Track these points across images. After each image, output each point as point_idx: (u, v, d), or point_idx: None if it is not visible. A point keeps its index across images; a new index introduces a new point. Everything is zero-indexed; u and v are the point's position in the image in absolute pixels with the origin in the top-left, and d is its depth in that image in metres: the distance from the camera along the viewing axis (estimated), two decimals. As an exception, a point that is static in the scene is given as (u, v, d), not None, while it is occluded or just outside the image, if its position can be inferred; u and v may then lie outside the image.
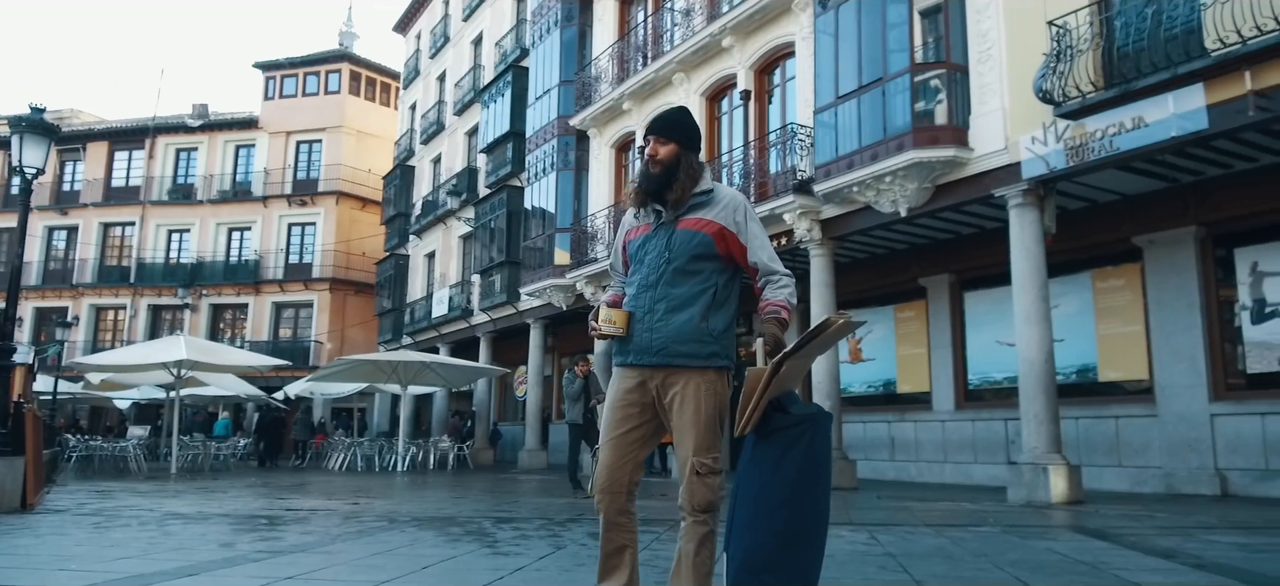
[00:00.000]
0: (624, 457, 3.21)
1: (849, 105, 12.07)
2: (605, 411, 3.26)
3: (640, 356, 3.19)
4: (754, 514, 3.14)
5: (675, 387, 3.16)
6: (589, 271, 18.76)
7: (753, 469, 3.16)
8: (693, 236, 3.20)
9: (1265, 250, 10.87)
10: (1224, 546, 6.33)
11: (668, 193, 3.21)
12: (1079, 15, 9.76)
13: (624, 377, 3.23)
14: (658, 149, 3.22)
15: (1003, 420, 13.69)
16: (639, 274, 3.24)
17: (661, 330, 3.15)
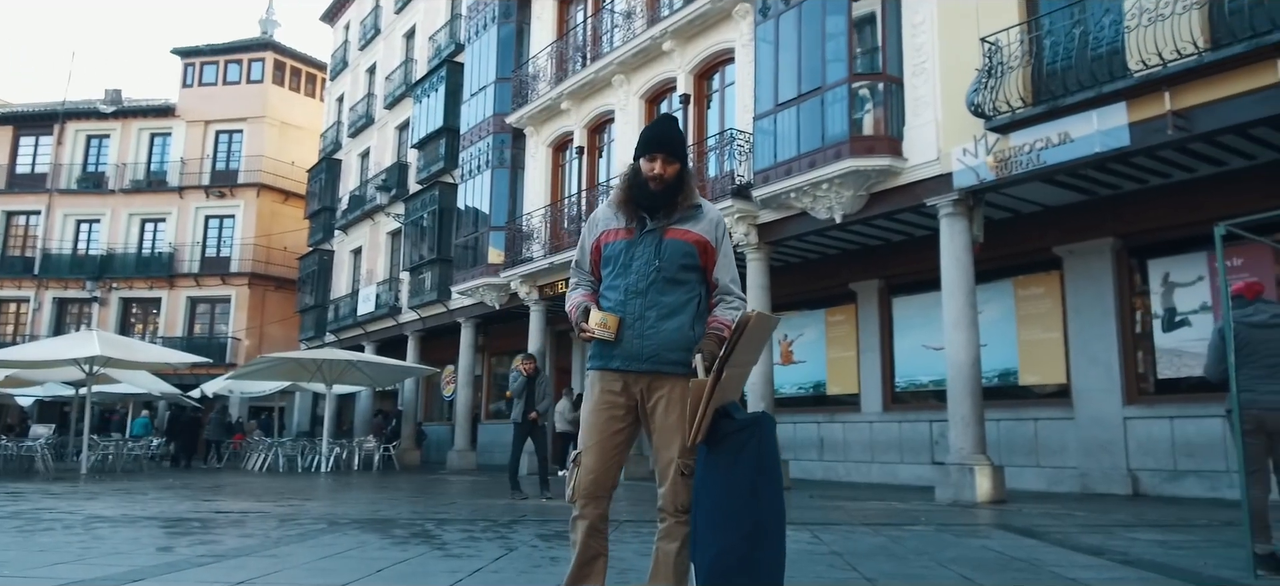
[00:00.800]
0: (610, 462, 3.24)
1: (788, 113, 12.31)
2: (588, 415, 3.24)
3: (629, 362, 3.20)
4: (717, 519, 3.21)
5: (661, 392, 3.20)
6: (524, 271, 18.65)
7: (709, 476, 3.24)
8: (682, 246, 3.25)
9: (1176, 262, 11.48)
10: (1145, 543, 6.69)
11: (666, 206, 3.25)
12: (1011, 33, 10.17)
13: (607, 381, 3.23)
14: (665, 168, 3.24)
15: (928, 422, 14.13)
16: (623, 279, 3.23)
17: (653, 337, 3.19)
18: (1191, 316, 11.36)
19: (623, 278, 3.24)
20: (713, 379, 3.13)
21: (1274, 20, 7.92)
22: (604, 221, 3.37)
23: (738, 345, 3.17)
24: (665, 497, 3.20)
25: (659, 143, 3.27)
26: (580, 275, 3.45)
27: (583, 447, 3.23)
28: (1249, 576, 4.92)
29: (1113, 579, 5.04)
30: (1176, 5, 8.56)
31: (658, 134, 3.32)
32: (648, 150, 3.27)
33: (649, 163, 3.25)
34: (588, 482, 3.20)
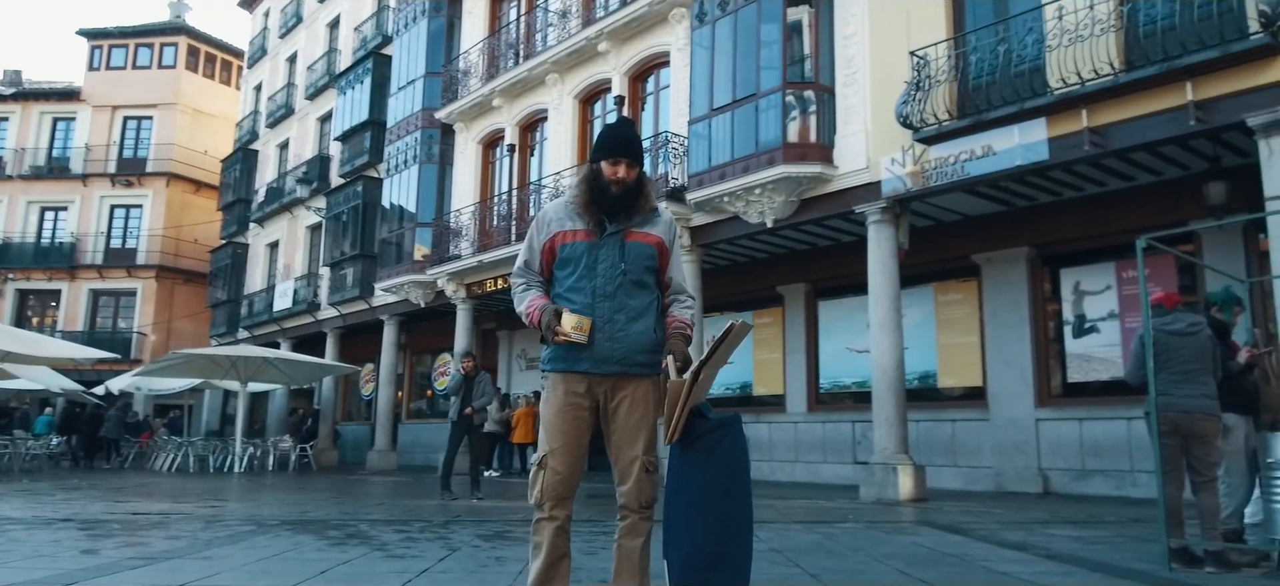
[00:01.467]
0: (576, 464, 3.27)
1: (723, 118, 12.49)
2: (552, 417, 3.23)
3: (598, 365, 3.22)
4: (690, 516, 3.29)
5: (625, 393, 3.25)
6: (452, 268, 18.43)
7: (683, 475, 3.32)
8: (646, 249, 3.30)
9: (1087, 271, 12.07)
10: (1063, 539, 7.02)
11: (627, 209, 3.27)
12: (939, 48, 10.54)
13: (572, 383, 3.24)
14: (628, 172, 3.25)
15: (851, 422, 14.52)
16: (589, 281, 3.23)
17: (623, 340, 3.23)
18: (1100, 323, 11.96)
19: (588, 280, 3.23)
20: (691, 379, 3.20)
21: (1184, 45, 8.41)
22: (558, 222, 3.32)
23: (721, 350, 3.26)
24: (629, 495, 3.22)
25: (623, 146, 3.27)
26: (529, 276, 3.39)
27: (549, 450, 3.22)
28: (1164, 569, 5.24)
29: (1040, 572, 5.29)
30: (1095, 28, 9.02)
31: (621, 137, 3.31)
32: (611, 153, 3.25)
33: (612, 166, 3.23)
34: (556, 484, 3.21)
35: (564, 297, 3.27)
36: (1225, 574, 5.08)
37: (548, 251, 3.34)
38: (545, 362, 3.33)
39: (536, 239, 3.38)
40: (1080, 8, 9.15)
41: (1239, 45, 8.09)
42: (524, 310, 3.31)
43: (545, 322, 3.18)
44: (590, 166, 3.31)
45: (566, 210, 3.35)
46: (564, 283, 3.30)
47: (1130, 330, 11.56)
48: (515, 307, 3.38)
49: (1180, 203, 10.75)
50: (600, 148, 3.31)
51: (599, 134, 3.35)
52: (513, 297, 3.42)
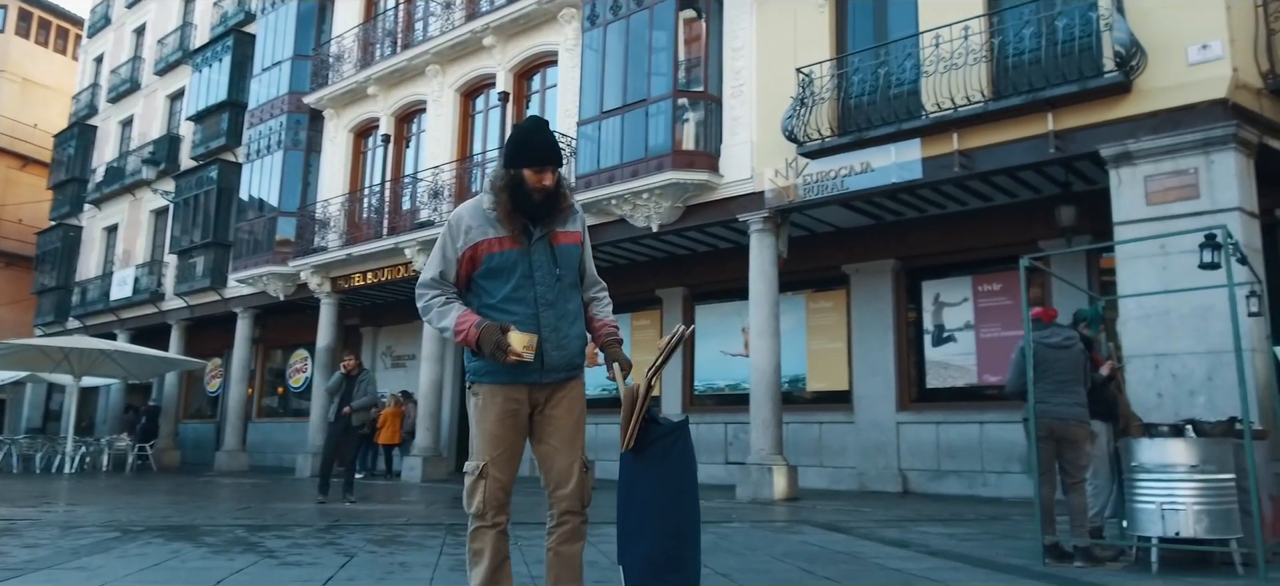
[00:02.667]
0: (515, 470, 3.24)
1: (612, 121, 12.57)
2: (490, 426, 3.16)
3: (547, 375, 3.18)
4: (645, 520, 3.34)
5: (563, 395, 3.24)
6: (317, 261, 17.68)
7: (637, 480, 3.36)
8: (574, 250, 3.30)
9: (946, 284, 12.88)
10: (937, 536, 7.48)
11: (548, 213, 3.20)
12: (823, 66, 10.99)
13: (512, 392, 3.18)
14: (552, 179, 3.17)
15: (723, 423, 14.91)
16: (529, 290, 3.16)
17: (566, 346, 3.22)
18: (957, 333, 12.78)
19: (527, 289, 3.16)
20: (646, 385, 3.25)
21: (1048, 78, 9.13)
22: (479, 231, 3.17)
23: (670, 354, 3.32)
24: (571, 497, 3.19)
25: (551, 155, 3.18)
26: (445, 288, 3.21)
27: (488, 459, 3.14)
28: (1038, 563, 5.68)
29: (929, 569, 5.63)
30: (968, 57, 9.64)
31: (548, 146, 3.19)
32: (539, 163, 3.14)
33: (538, 175, 3.13)
34: (498, 492, 3.16)
35: (498, 309, 3.15)
36: (1092, 568, 5.56)
37: (469, 261, 3.19)
38: (478, 373, 3.21)
39: (453, 248, 3.19)
40: (955, 37, 9.77)
41: (1095, 81, 8.86)
42: (451, 327, 3.12)
43: (492, 343, 3.04)
44: (510, 173, 3.16)
45: (484, 218, 3.19)
46: (496, 293, 3.18)
47: (985, 340, 12.42)
48: (432, 324, 3.19)
49: (1032, 223, 11.64)
50: (523, 155, 3.15)
51: (518, 139, 3.19)
52: (425, 313, 3.21)
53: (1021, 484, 11.64)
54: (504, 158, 3.24)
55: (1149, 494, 5.32)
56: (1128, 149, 8.85)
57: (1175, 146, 8.59)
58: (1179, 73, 8.65)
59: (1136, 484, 5.42)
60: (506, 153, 3.23)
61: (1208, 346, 8.32)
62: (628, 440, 3.23)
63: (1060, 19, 9.18)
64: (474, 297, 3.25)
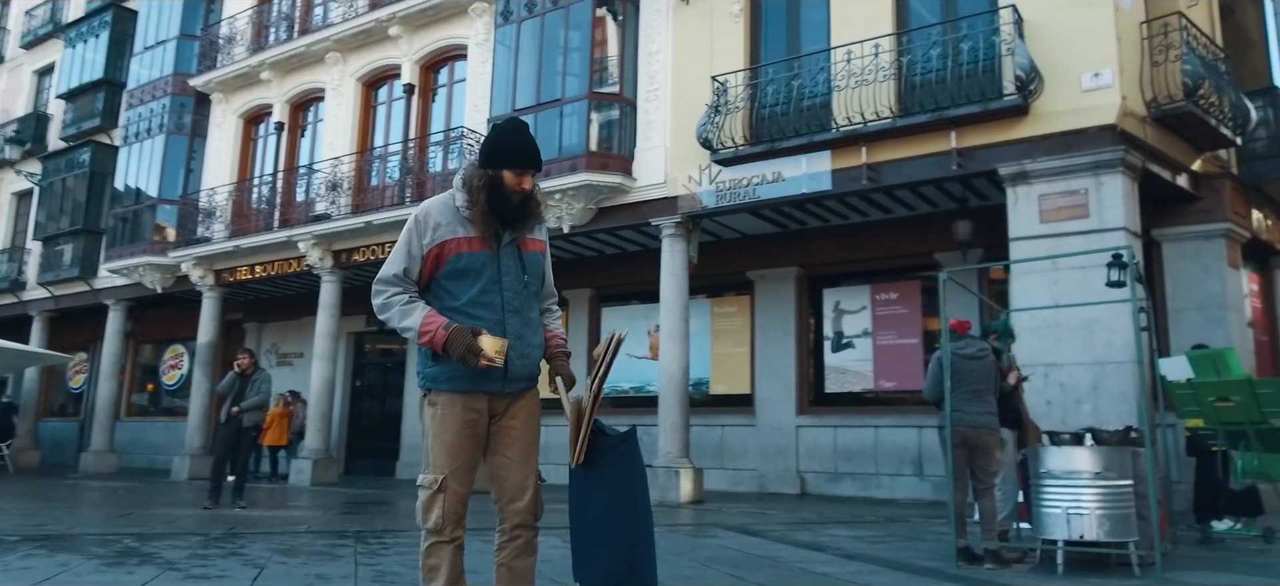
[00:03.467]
0: (471, 484, 3.15)
1: (526, 119, 12.37)
2: (449, 437, 3.05)
3: (510, 384, 3.11)
4: (601, 533, 3.30)
5: (521, 405, 3.18)
6: (201, 252, 16.77)
7: (590, 492, 3.32)
8: (542, 259, 3.25)
9: (846, 292, 13.28)
10: (846, 539, 7.68)
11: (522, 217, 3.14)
12: (738, 75, 11.15)
13: (472, 402, 3.09)
14: (531, 183, 3.12)
15: (628, 426, 14.88)
16: (496, 295, 3.08)
17: (530, 355, 3.16)
18: (855, 339, 13.19)
19: (494, 293, 3.09)
20: (594, 397, 3.20)
21: (953, 98, 9.52)
22: (448, 229, 3.08)
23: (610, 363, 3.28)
24: (525, 511, 3.13)
25: (534, 158, 3.14)
26: (407, 286, 3.09)
27: (446, 472, 3.04)
28: (952, 566, 5.90)
29: (851, 572, 5.78)
30: (878, 74, 9.96)
31: (532, 148, 3.14)
32: (522, 166, 3.08)
33: (518, 177, 3.08)
34: (456, 506, 3.07)
35: (462, 313, 3.06)
36: (1001, 569, 5.82)
37: (435, 260, 3.09)
38: (436, 380, 3.10)
39: (418, 244, 3.08)
40: (867, 54, 10.08)
41: (997, 103, 9.30)
42: (416, 327, 3.01)
43: (464, 346, 2.94)
44: (488, 173, 3.08)
45: (454, 216, 3.10)
46: (461, 296, 3.08)
47: (881, 347, 12.87)
48: (392, 323, 3.06)
49: (928, 236, 12.13)
50: (506, 156, 3.09)
51: (500, 139, 3.11)
52: (383, 310, 3.09)
53: (913, 486, 12.13)
54: (483, 156, 3.13)
55: (1055, 499, 5.61)
56: (1024, 168, 9.34)
57: (1068, 168, 9.12)
58: (1073, 98, 9.17)
59: (1043, 489, 5.70)
60: (486, 152, 3.13)
61: (1093, 357, 8.85)
62: (578, 455, 3.17)
63: (965, 42, 9.60)
64: (434, 299, 3.13)
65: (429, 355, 3.11)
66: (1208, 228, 10.40)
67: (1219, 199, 10.39)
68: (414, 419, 17.26)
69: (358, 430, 18.36)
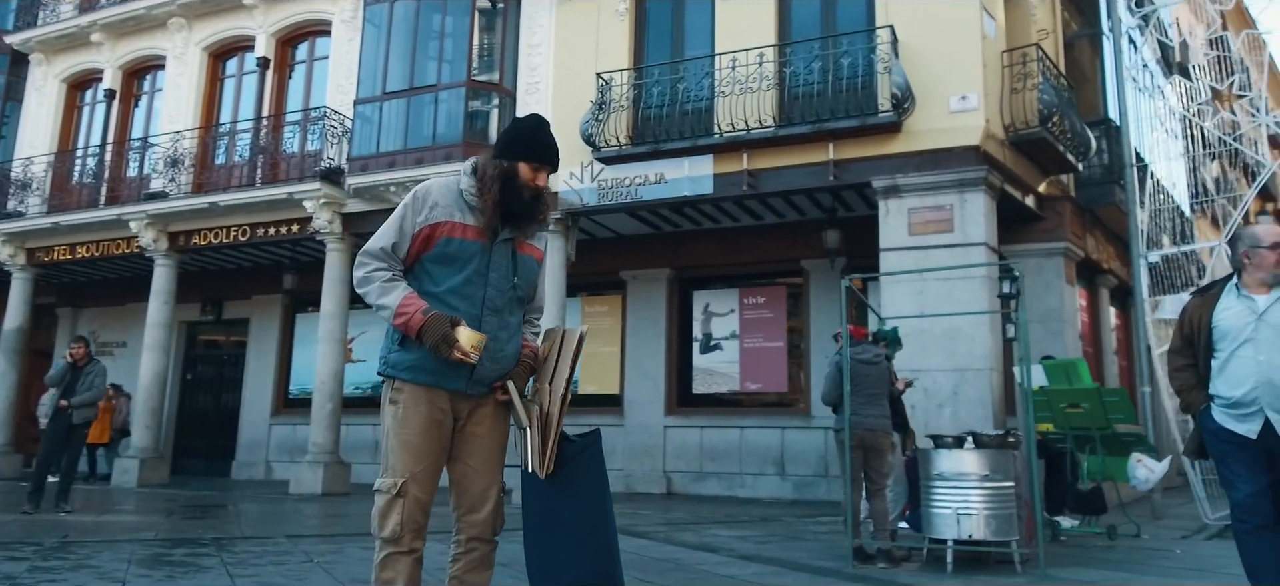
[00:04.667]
0: (434, 491, 2.95)
1: (396, 104, 11.86)
2: (411, 438, 2.85)
3: (473, 385, 2.92)
4: (571, 545, 3.12)
5: (485, 412, 2.99)
6: (12, 228, 15.05)
7: (556, 504, 3.12)
8: (534, 264, 3.10)
9: (715, 294, 13.50)
10: (730, 538, 7.76)
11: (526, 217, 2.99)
12: (623, 74, 11.09)
13: (436, 399, 2.89)
14: (545, 182, 3.00)
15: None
16: (478, 289, 2.91)
17: (501, 360, 2.97)
18: (723, 342, 13.43)
19: (477, 288, 2.91)
20: (562, 404, 3.03)
21: (832, 111, 9.84)
22: (445, 210, 2.91)
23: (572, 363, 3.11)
24: (485, 524, 2.96)
25: (553, 157, 3.02)
26: (391, 262, 2.91)
27: (406, 475, 2.83)
28: (847, 566, 6.05)
29: (754, 574, 5.82)
30: (762, 83, 10.16)
31: (553, 146, 3.03)
32: (541, 161, 2.97)
33: (535, 172, 2.95)
34: (417, 513, 2.85)
35: (440, 299, 2.87)
36: (893, 568, 6.03)
37: (425, 240, 2.90)
38: (399, 368, 2.90)
39: (411, 221, 2.91)
40: (751, 62, 10.25)
41: (873, 119, 9.68)
42: (393, 306, 2.82)
43: (439, 334, 2.76)
44: (503, 164, 2.93)
45: (458, 200, 2.94)
46: (442, 282, 2.90)
47: (748, 349, 13.17)
48: (370, 298, 2.87)
49: (796, 243, 12.50)
50: (525, 149, 2.96)
51: (521, 131, 3.00)
52: (364, 283, 2.89)
53: (776, 485, 12.47)
54: (500, 146, 2.98)
55: (946, 499, 5.86)
56: (896, 183, 9.77)
57: (936, 184, 9.61)
58: (941, 118, 9.67)
59: (934, 490, 5.94)
60: (504, 143, 2.98)
61: (954, 364, 9.37)
62: (546, 465, 2.97)
63: (845, 57, 9.94)
64: (414, 281, 2.92)
65: (396, 339, 2.91)
66: (1049, 246, 11.23)
67: (1060, 220, 11.25)
68: (253, 415, 16.22)
69: (189, 427, 17.04)
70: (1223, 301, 3.80)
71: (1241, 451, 3.65)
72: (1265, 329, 3.62)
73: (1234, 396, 3.66)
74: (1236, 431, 3.66)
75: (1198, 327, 3.83)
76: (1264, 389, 3.57)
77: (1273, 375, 3.56)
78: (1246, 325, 3.66)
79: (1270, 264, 3.68)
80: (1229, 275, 3.87)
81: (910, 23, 9.86)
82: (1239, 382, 3.65)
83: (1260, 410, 3.59)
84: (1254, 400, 3.60)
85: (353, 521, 9.12)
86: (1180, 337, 3.95)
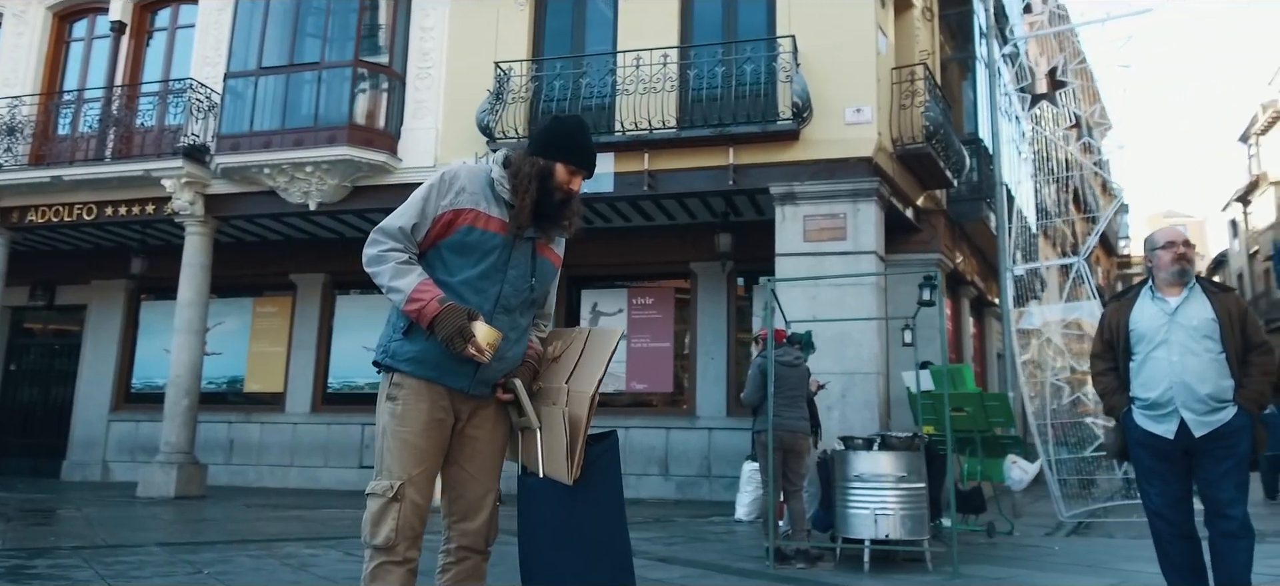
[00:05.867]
0: (431, 496, 2.74)
1: (273, 80, 11.10)
2: (411, 437, 2.65)
3: (476, 385, 2.73)
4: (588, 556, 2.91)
5: (485, 414, 2.82)
6: None
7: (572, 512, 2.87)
8: (552, 270, 2.93)
9: (604, 294, 13.41)
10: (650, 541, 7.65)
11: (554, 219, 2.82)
12: (522, 65, 10.81)
13: (438, 397, 2.70)
14: (578, 187, 2.84)
15: (361, 425, 13.93)
16: (494, 285, 2.72)
17: (507, 361, 2.78)
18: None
19: (493, 283, 2.73)
20: (592, 407, 2.86)
21: (734, 116, 9.95)
22: (471, 197, 2.73)
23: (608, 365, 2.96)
24: (479, 533, 2.79)
25: (592, 162, 2.88)
26: (409, 245, 2.71)
27: (405, 477, 2.63)
28: (766, 566, 6.09)
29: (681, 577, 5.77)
30: (665, 84, 10.15)
31: (591, 150, 2.88)
32: (580, 164, 2.81)
33: (571, 175, 2.79)
34: (414, 520, 2.65)
35: (453, 290, 2.68)
36: (810, 568, 6.12)
37: (446, 225, 2.71)
38: (400, 359, 2.70)
39: (434, 204, 2.72)
40: (655, 62, 10.22)
41: (773, 126, 9.85)
42: (407, 292, 2.62)
43: (454, 327, 2.56)
44: (540, 162, 2.76)
45: (487, 190, 2.76)
46: (457, 272, 2.71)
47: (635, 349, 13.14)
48: (380, 279, 2.67)
49: (687, 245, 12.60)
50: (565, 149, 2.79)
51: (561, 131, 2.83)
52: (376, 262, 2.69)
53: (659, 485, 12.50)
54: (537, 144, 2.81)
55: (863, 500, 5.99)
56: (793, 190, 9.98)
57: (831, 193, 9.89)
58: (837, 129, 9.96)
59: (851, 491, 6.07)
60: (543, 140, 2.81)
61: (844, 367, 9.65)
62: (573, 471, 2.77)
63: (748, 64, 10.07)
64: (426, 267, 2.72)
65: (400, 328, 2.71)
66: (925, 257, 11.76)
67: (935, 233, 11.83)
68: (89, 411, 14.86)
69: (11, 424, 15.40)
70: (1138, 305, 3.87)
71: (1160, 460, 3.73)
72: (1177, 330, 3.70)
73: (1151, 398, 3.73)
74: (1155, 432, 3.73)
75: (1116, 331, 3.90)
76: (1178, 389, 3.65)
77: (1185, 376, 3.64)
78: (1160, 327, 3.74)
79: (1166, 263, 3.79)
80: (1144, 279, 3.98)
81: (809, 34, 10.09)
82: (1154, 384, 3.72)
83: (1176, 410, 3.66)
84: (1170, 400, 3.67)
85: (223, 527, 8.47)
86: (1101, 342, 4.02)
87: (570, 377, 2.85)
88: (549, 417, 2.79)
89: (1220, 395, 3.62)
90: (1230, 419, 3.60)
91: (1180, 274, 3.78)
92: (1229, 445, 3.62)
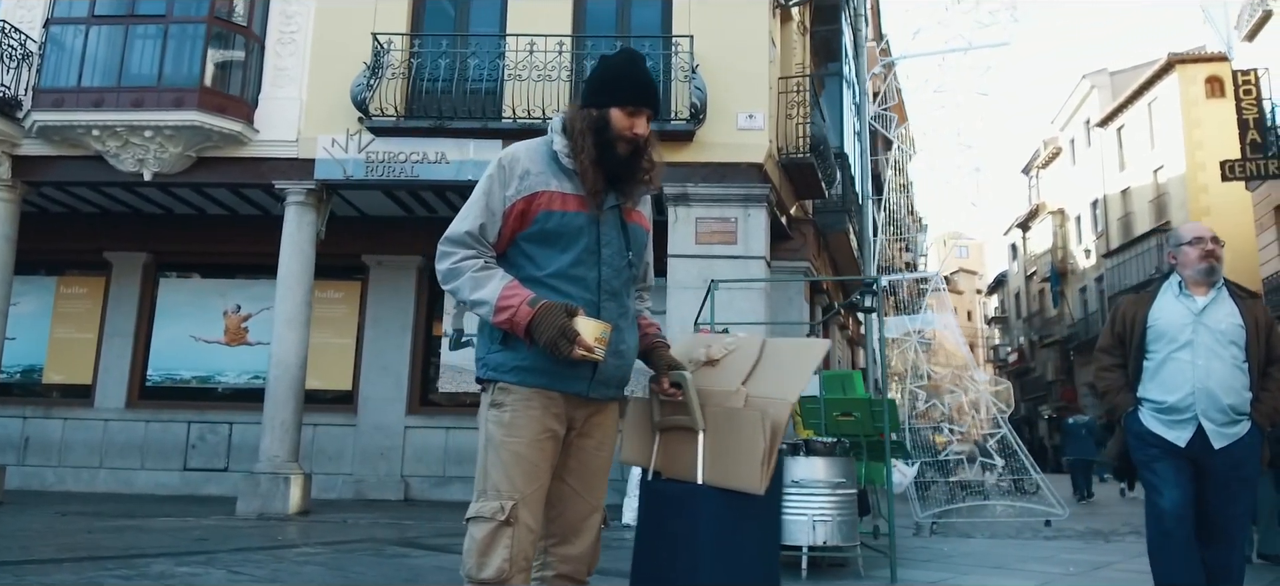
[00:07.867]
0: (542, 519, 2.36)
1: (109, 31, 9.74)
2: (521, 450, 2.27)
3: (596, 388, 2.37)
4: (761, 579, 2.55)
5: (599, 423, 2.47)
6: None
7: (739, 527, 2.44)
8: (644, 235, 2.54)
9: (468, 289, 12.79)
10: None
11: (630, 177, 2.42)
12: (403, 39, 10.07)
13: (552, 405, 2.32)
14: (646, 128, 2.40)
15: (186, 422, 12.60)
16: (591, 270, 2.34)
17: (625, 357, 2.43)
18: (475, 337, 12.74)
19: (591, 269, 2.35)
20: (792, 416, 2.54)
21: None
22: (540, 178, 2.34)
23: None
24: (581, 559, 2.43)
25: (650, 94, 2.42)
26: (482, 248, 2.34)
27: (516, 497, 2.24)
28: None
29: None
30: (559, 73, 9.76)
31: (647, 83, 2.42)
32: (634, 101, 2.37)
33: (630, 117, 2.36)
34: (528, 546, 2.27)
35: (547, 286, 2.30)
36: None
37: (519, 215, 2.32)
38: (503, 370, 2.32)
39: (499, 196, 2.33)
40: (550, 49, 9.81)
41: (670, 125, 9.69)
42: (493, 302, 2.25)
43: (556, 328, 2.18)
44: (593, 112, 2.36)
45: (550, 164, 2.36)
46: (547, 265, 2.32)
47: (500, 348, 12.62)
48: (459, 294, 2.30)
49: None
50: (612, 90, 2.37)
51: (606, 71, 2.40)
52: (451, 278, 2.32)
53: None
54: (586, 93, 2.39)
55: (802, 506, 5.93)
56: (686, 191, 9.89)
57: (723, 196, 9.88)
58: (730, 134, 9.95)
59: (789, 497, 5.99)
60: (590, 87, 2.39)
61: (732, 371, 9.65)
62: (764, 479, 2.38)
63: (647, 61, 9.84)
64: (511, 267, 2.33)
65: (497, 338, 2.31)
66: (795, 264, 12.05)
67: (805, 241, 12.14)
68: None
69: None
70: (1160, 300, 3.61)
71: (1169, 457, 3.47)
72: (1203, 332, 3.46)
73: (1168, 401, 3.47)
74: (1165, 437, 3.48)
75: (1131, 326, 3.63)
76: (1200, 395, 3.41)
77: (1209, 382, 3.41)
78: (1184, 326, 3.49)
79: (1193, 260, 3.54)
80: (1168, 271, 3.70)
81: (703, 36, 10.03)
82: (1174, 388, 3.46)
83: (1194, 417, 3.42)
84: (1189, 407, 3.42)
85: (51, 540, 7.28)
86: (1111, 336, 3.73)
87: (747, 381, 2.49)
88: (723, 419, 2.41)
89: (1241, 407, 3.42)
90: (1244, 435, 3.43)
91: (1208, 272, 3.53)
92: (1243, 478, 3.49)
